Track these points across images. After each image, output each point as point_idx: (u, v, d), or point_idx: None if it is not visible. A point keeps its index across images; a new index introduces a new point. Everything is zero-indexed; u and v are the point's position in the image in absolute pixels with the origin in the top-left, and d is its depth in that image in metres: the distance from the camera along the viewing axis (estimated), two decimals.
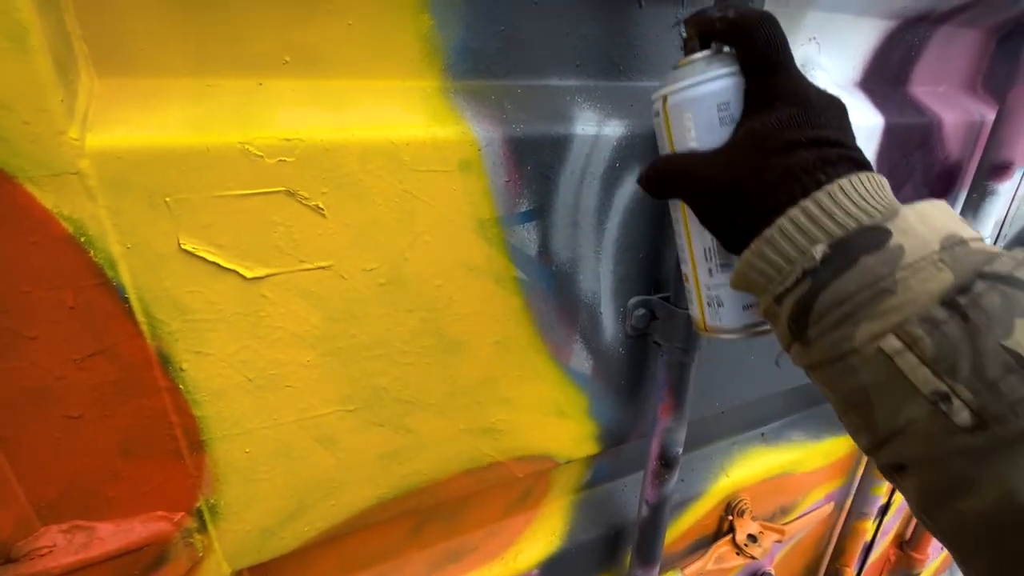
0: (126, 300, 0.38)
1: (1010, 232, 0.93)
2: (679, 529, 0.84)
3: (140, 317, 0.39)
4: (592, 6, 0.50)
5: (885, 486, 1.01)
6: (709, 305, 0.41)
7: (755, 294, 0.35)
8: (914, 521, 1.27)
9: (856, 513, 1.04)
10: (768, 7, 0.47)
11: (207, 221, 0.39)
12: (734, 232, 0.35)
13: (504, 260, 0.50)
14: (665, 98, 0.38)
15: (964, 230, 0.29)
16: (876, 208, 0.30)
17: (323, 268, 0.43)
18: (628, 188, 0.54)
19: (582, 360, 0.60)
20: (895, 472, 0.30)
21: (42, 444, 0.40)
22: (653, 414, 0.64)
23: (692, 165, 0.36)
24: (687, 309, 0.46)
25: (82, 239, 0.35)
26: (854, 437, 0.32)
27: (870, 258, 0.28)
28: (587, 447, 0.66)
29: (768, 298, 0.33)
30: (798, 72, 0.35)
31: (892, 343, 0.27)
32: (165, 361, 0.41)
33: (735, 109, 0.35)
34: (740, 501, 0.87)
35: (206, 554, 0.49)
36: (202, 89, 0.40)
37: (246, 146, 0.38)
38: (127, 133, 0.36)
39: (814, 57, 0.66)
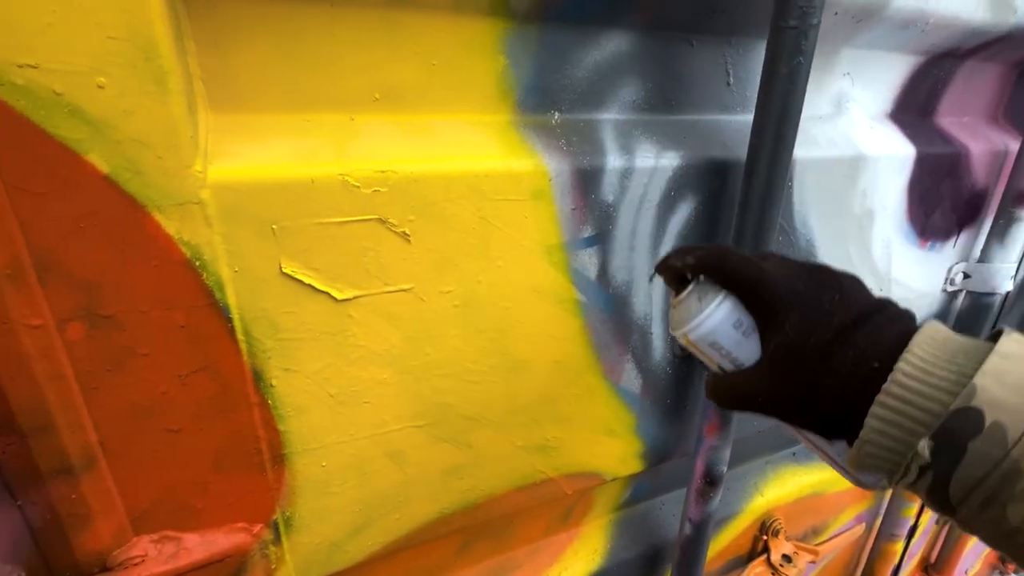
0: (230, 320, 0.40)
1: None
2: (715, 548, 0.85)
3: (240, 336, 0.41)
4: (648, 46, 0.53)
5: (915, 507, 1.02)
6: (847, 472, 0.40)
7: (883, 474, 0.35)
8: (940, 544, 1.26)
9: (886, 535, 1.04)
10: None
11: (306, 246, 0.41)
12: (826, 431, 0.35)
13: (567, 283, 0.53)
14: (685, 336, 0.40)
15: None
16: (947, 379, 0.31)
17: (405, 290, 0.46)
18: (680, 215, 0.57)
19: (632, 379, 0.62)
20: None
21: (143, 456, 0.42)
22: (698, 433, 0.66)
23: (746, 386, 0.37)
24: (833, 466, 0.42)
25: (197, 263, 0.38)
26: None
27: (977, 443, 0.29)
28: (632, 465, 0.68)
29: (898, 487, 0.34)
30: (773, 267, 0.36)
31: None
32: (258, 377, 0.43)
33: (748, 321, 0.37)
34: (775, 521, 0.88)
35: (278, 566, 0.50)
36: (301, 124, 0.43)
37: (346, 177, 0.41)
38: (242, 165, 0.39)
39: (848, 91, 0.69)
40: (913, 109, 0.75)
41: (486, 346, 0.51)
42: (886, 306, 0.35)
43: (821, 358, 0.33)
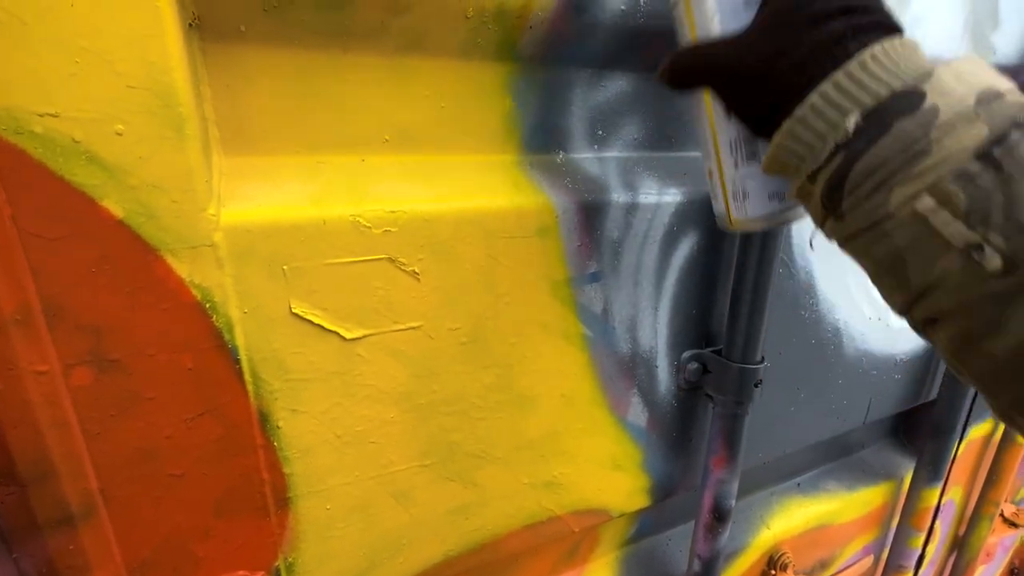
0: (238, 362, 0.40)
1: None
2: None
3: (248, 377, 0.41)
4: (648, 86, 0.55)
5: (922, 538, 1.01)
6: (735, 198, 0.40)
7: (788, 176, 0.34)
8: (948, 573, 1.25)
9: (894, 566, 1.03)
10: None
11: (316, 287, 0.41)
12: (764, 115, 0.33)
13: (573, 318, 0.53)
14: None
15: (1000, 82, 0.28)
16: (909, 72, 0.29)
17: (414, 328, 0.46)
18: (684, 249, 0.58)
19: (638, 413, 0.62)
20: (928, 326, 0.31)
21: (144, 502, 0.40)
22: (705, 466, 0.65)
23: (716, 51, 0.34)
24: (719, 202, 0.42)
25: (207, 305, 0.38)
26: (888, 299, 0.33)
27: (904, 122, 0.28)
28: (639, 500, 0.67)
29: (801, 178, 0.32)
30: None
31: (926, 202, 0.27)
32: (264, 419, 0.43)
33: None
34: (783, 555, 0.87)
35: None
36: (313, 165, 0.43)
37: (357, 218, 0.41)
38: (254, 207, 0.39)
39: None
40: None
41: (493, 382, 0.51)
42: (902, 30, 0.31)
43: (811, 25, 0.30)
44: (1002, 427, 1.16)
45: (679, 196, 0.55)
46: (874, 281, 0.33)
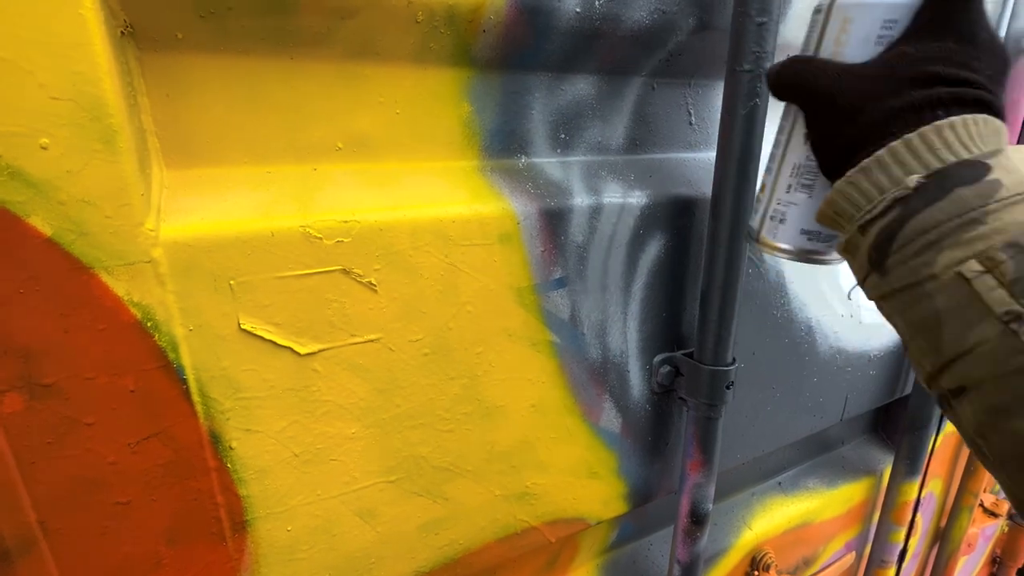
0: (184, 381, 0.38)
1: None
2: None
3: (196, 397, 0.39)
4: (610, 90, 0.54)
5: (903, 532, 1.01)
6: (771, 218, 0.40)
7: (839, 228, 0.34)
8: (930, 566, 1.26)
9: (876, 561, 1.03)
10: None
11: (267, 301, 0.40)
12: (838, 154, 0.33)
13: (540, 325, 0.52)
14: None
15: None
16: (981, 147, 0.29)
17: (372, 341, 0.45)
18: (651, 253, 0.57)
19: (611, 419, 0.61)
20: (954, 397, 0.30)
21: (89, 534, 0.39)
22: (682, 470, 0.65)
23: (826, 72, 0.34)
24: (755, 217, 0.42)
25: (148, 324, 0.36)
26: (916, 363, 0.32)
27: (965, 190, 0.28)
28: (616, 507, 0.66)
29: (853, 228, 0.32)
30: (980, 8, 0.32)
31: (972, 267, 0.27)
32: (216, 440, 0.41)
33: (898, 30, 0.33)
34: (765, 555, 0.86)
35: None
36: (262, 176, 0.42)
37: (307, 229, 0.40)
38: (197, 221, 0.37)
39: None
40: None
41: (459, 393, 0.50)
42: (1002, 113, 0.32)
43: (923, 84, 0.30)
44: None
45: (644, 199, 0.55)
46: (906, 344, 0.32)
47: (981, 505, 1.28)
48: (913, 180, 0.29)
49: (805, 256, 0.41)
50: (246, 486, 0.43)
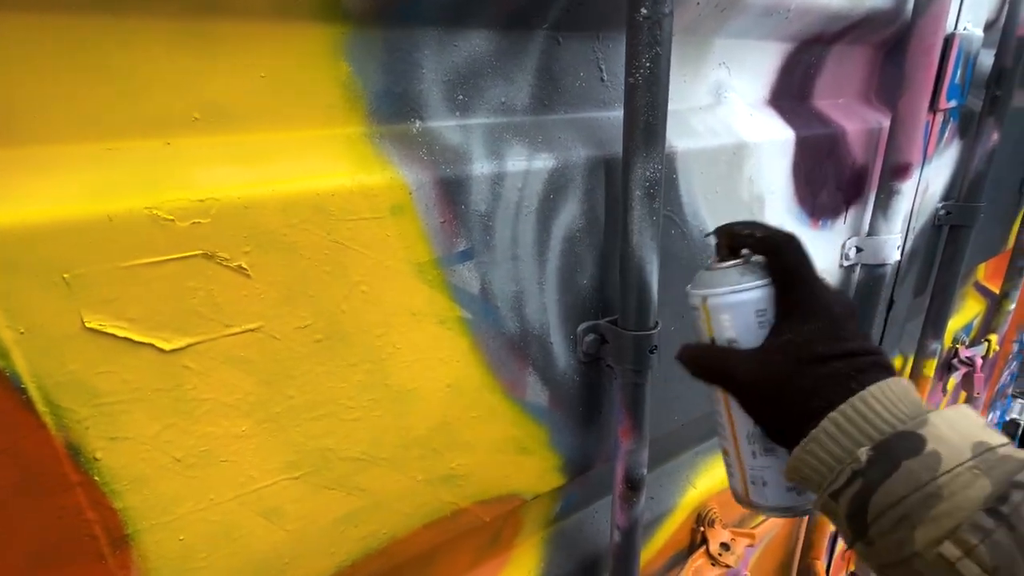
0: (23, 390, 0.34)
1: (917, 225, 1.01)
2: (654, 548, 0.84)
3: (41, 408, 0.35)
4: (510, 45, 0.51)
5: None
6: (753, 484, 0.44)
7: (809, 488, 0.38)
8: None
9: None
10: (677, 36, 0.50)
11: (114, 295, 0.35)
12: (777, 428, 0.39)
13: (447, 301, 0.49)
14: (705, 299, 0.42)
15: (991, 436, 0.33)
16: (905, 413, 0.34)
17: (251, 331, 0.41)
18: (564, 218, 0.55)
19: (537, 392, 0.59)
20: None
21: None
22: (614, 437, 0.64)
23: (733, 361, 0.40)
24: (736, 481, 0.46)
25: None
26: None
27: (912, 463, 0.32)
28: (552, 479, 0.65)
29: (824, 495, 0.36)
30: (821, 284, 0.40)
31: (951, 550, 0.30)
32: (76, 452, 0.37)
33: (770, 314, 0.40)
34: (709, 511, 0.88)
35: None
36: (101, 154, 0.37)
37: (153, 211, 0.35)
38: (16, 208, 0.32)
39: (726, 80, 0.70)
40: (790, 94, 0.77)
41: (362, 379, 0.47)
42: (893, 370, 0.38)
43: (818, 362, 0.37)
44: (909, 369, 1.22)
45: (553, 161, 0.52)
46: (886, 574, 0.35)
47: None
48: (863, 453, 0.33)
49: (803, 510, 0.44)
50: (121, 498, 0.39)
